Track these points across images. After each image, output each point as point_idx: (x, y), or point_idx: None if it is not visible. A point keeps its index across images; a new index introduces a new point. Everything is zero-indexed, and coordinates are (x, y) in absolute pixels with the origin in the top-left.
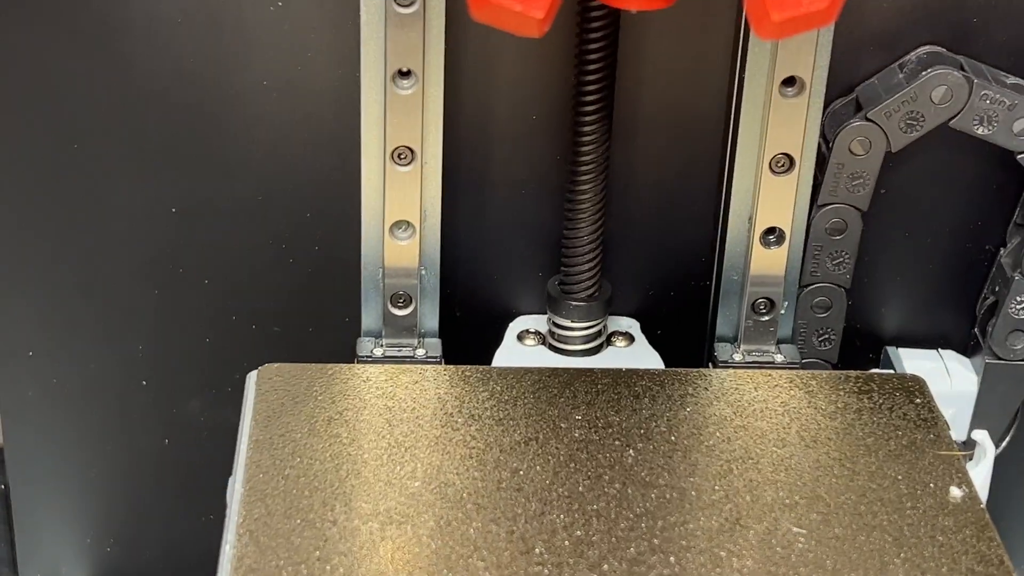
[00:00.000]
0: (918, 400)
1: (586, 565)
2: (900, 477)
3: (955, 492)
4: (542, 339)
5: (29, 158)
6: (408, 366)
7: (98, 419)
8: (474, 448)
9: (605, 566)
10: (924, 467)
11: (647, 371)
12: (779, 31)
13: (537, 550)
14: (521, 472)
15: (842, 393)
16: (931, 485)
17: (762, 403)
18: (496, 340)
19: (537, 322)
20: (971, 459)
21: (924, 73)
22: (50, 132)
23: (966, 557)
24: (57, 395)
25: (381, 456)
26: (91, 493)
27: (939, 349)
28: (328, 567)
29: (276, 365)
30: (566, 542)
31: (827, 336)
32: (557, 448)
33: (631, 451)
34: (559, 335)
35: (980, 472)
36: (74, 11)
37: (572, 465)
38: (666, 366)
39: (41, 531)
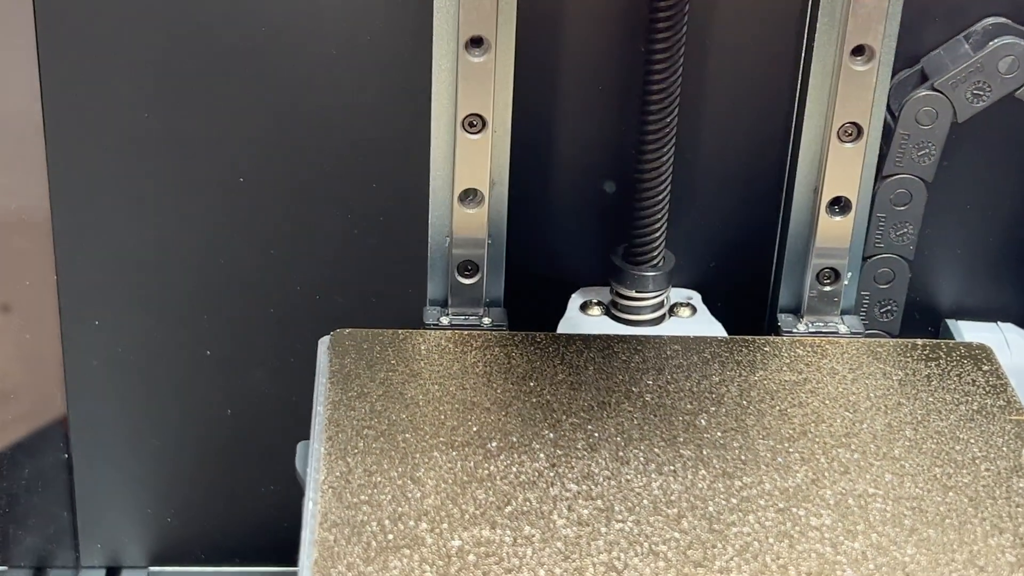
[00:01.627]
0: (986, 367)
1: (664, 522)
2: (972, 440)
3: None
4: (605, 309)
5: (97, 124)
6: (477, 332)
7: (162, 389)
8: (548, 410)
9: (684, 523)
10: (995, 431)
11: (715, 338)
12: None
13: (616, 508)
14: (596, 434)
15: (910, 360)
16: (1004, 448)
17: (830, 369)
18: (559, 310)
19: (600, 293)
20: None
21: (991, 43)
22: (121, 98)
23: None
24: (121, 365)
25: (457, 417)
26: (152, 464)
27: (999, 322)
28: (412, 523)
29: (348, 330)
30: (645, 500)
31: (889, 308)
32: (630, 411)
33: (704, 415)
34: (623, 305)
35: None
36: None
37: (646, 428)
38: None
39: (102, 502)
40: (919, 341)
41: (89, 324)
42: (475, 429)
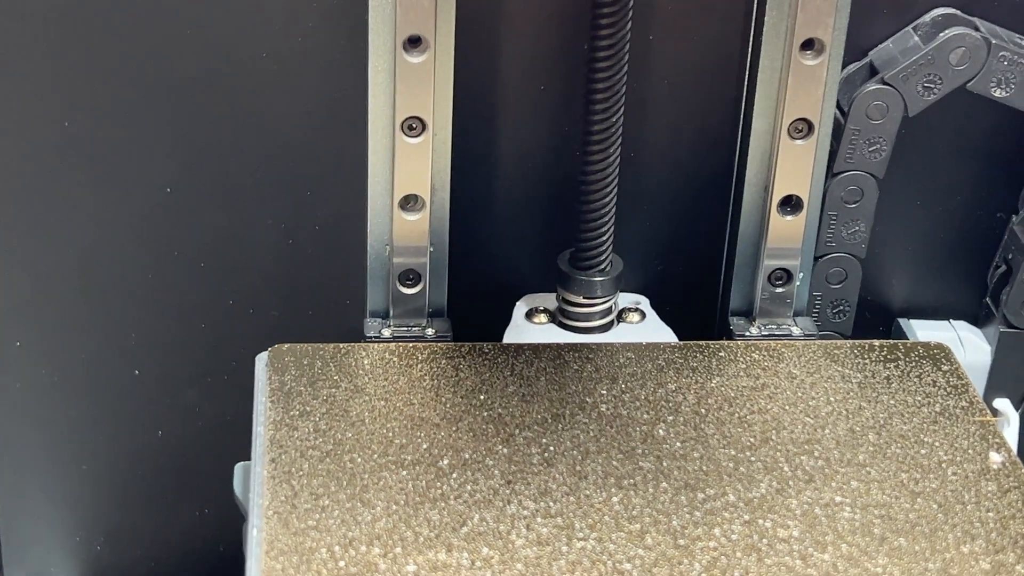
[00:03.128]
0: (945, 367)
1: (628, 539)
2: (937, 444)
3: (995, 457)
4: (552, 316)
5: (16, 135)
6: (423, 344)
7: (89, 411)
8: (500, 424)
9: (648, 539)
10: (960, 433)
11: (668, 344)
12: None
13: (577, 525)
14: (551, 448)
15: (868, 362)
16: (969, 451)
17: (788, 373)
18: (503, 318)
19: (546, 300)
20: None
21: (941, 35)
22: (39, 113)
23: (1014, 522)
24: (46, 386)
25: (406, 434)
26: (81, 488)
27: (950, 320)
28: (364, 548)
29: (287, 346)
30: (606, 516)
31: (841, 308)
32: (586, 423)
33: (662, 425)
34: (570, 312)
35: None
36: None
37: (603, 440)
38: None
39: (28, 528)
40: (876, 342)
41: (11, 345)
42: (425, 446)
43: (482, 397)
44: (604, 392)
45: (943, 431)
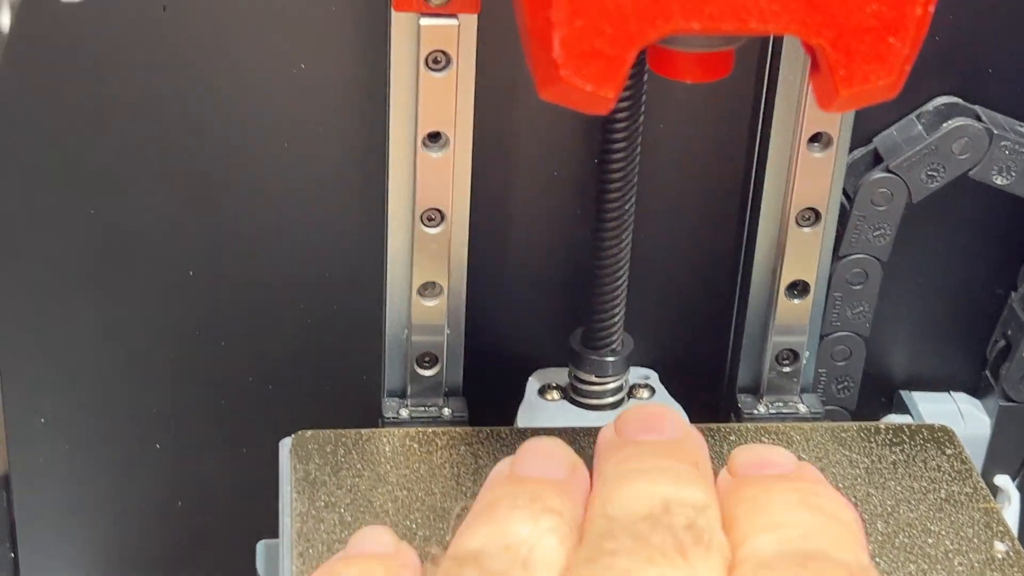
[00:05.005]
0: (949, 451)
1: None
2: (943, 532)
3: (999, 546)
4: (564, 393)
5: (37, 214)
6: (441, 429)
7: (110, 483)
8: None
9: None
10: (965, 521)
11: None
12: (845, 105)
13: None
14: None
15: (874, 445)
16: (975, 540)
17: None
18: (516, 392)
19: (558, 375)
20: None
21: (944, 125)
22: (65, 199)
23: None
24: (68, 460)
25: (428, 525)
26: (100, 562)
27: (951, 392)
28: None
29: (310, 432)
30: None
31: (846, 384)
32: None
33: None
34: (582, 389)
35: (1008, 519)
36: (92, 75)
37: None
38: (687, 416)
39: None
40: (882, 424)
41: (34, 421)
42: (448, 539)
43: None
44: None
45: (949, 519)
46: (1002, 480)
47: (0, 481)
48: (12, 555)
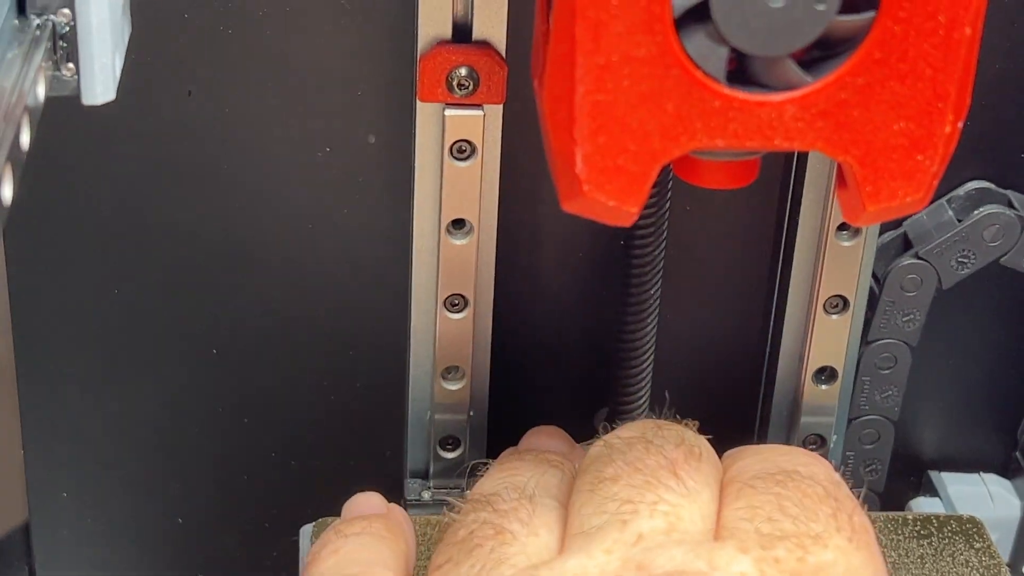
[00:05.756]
0: (978, 545)
1: None
2: None
3: None
4: None
5: (61, 292)
6: None
7: (132, 559)
8: None
9: None
10: None
11: None
12: (872, 219)
13: None
14: None
15: (902, 538)
16: None
17: None
18: None
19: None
20: None
21: (975, 212)
22: (94, 273)
23: None
24: (91, 534)
25: None
26: None
27: (980, 472)
28: None
29: (332, 519)
30: None
31: (874, 467)
32: None
33: None
34: None
35: None
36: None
37: None
38: None
39: None
40: (909, 516)
41: (58, 496)
42: None
43: None
44: None
45: None
46: None
47: (22, 555)
48: None
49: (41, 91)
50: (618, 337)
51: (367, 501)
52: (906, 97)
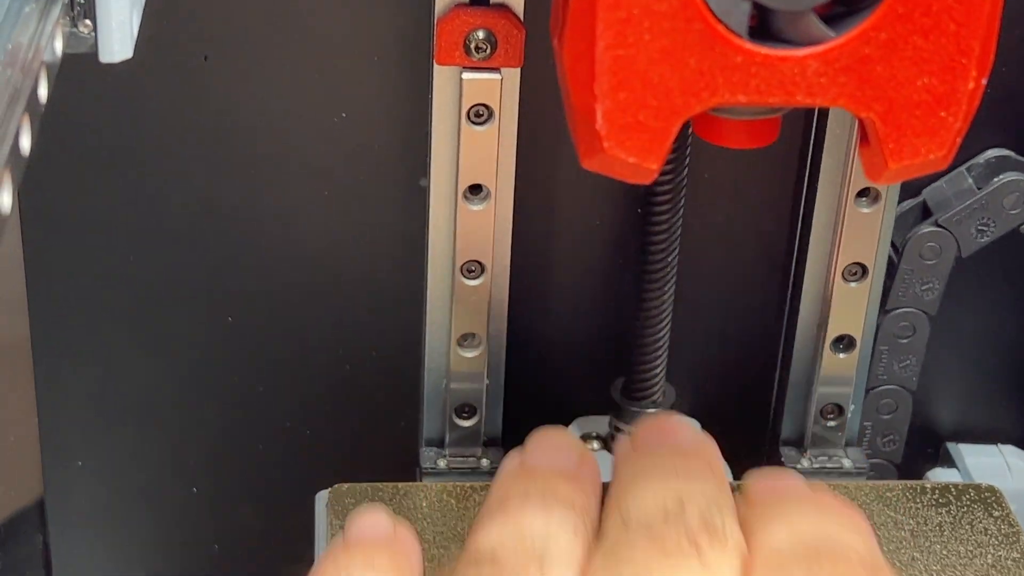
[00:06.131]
0: (996, 513)
1: None
2: None
3: None
4: (604, 443)
5: (85, 265)
6: (479, 484)
7: (148, 528)
8: None
9: None
10: None
11: None
12: (894, 177)
13: None
14: None
15: (920, 507)
16: None
17: None
18: None
19: (598, 424)
20: None
21: (995, 180)
22: (111, 239)
23: None
24: (106, 504)
25: None
26: None
27: (998, 444)
28: None
29: (347, 486)
30: None
31: (892, 437)
32: None
33: None
34: None
35: None
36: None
37: None
38: (730, 468)
39: None
40: (928, 484)
41: (72, 465)
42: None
43: None
44: None
45: None
46: None
47: (37, 524)
48: None
49: (58, 46)
50: (636, 305)
51: (372, 521)
52: (929, 52)
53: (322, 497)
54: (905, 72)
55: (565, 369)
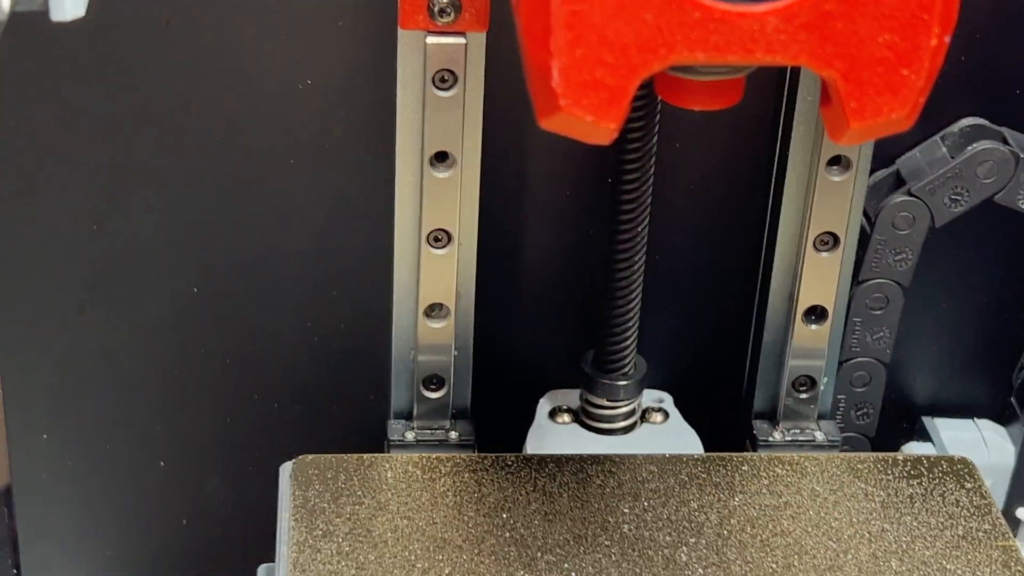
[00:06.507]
0: (968, 485)
1: None
2: (960, 572)
3: None
4: (575, 416)
5: (47, 231)
6: (445, 455)
7: (114, 501)
8: (522, 547)
9: None
10: (982, 559)
11: (691, 457)
12: (857, 138)
13: None
14: (573, 574)
15: (892, 478)
16: None
17: (811, 491)
18: (525, 412)
19: (568, 397)
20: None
21: (969, 148)
22: (72, 206)
23: None
24: (73, 476)
25: (428, 557)
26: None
27: (975, 419)
28: None
29: (311, 457)
30: None
31: (866, 411)
32: (607, 545)
33: (683, 548)
34: (593, 413)
35: None
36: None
37: (624, 565)
38: (701, 441)
39: None
40: (900, 456)
41: (38, 436)
42: (447, 571)
43: (504, 516)
44: (627, 511)
45: (965, 557)
46: (1023, 512)
47: (2, 496)
48: (15, 571)
49: (6, 3)
50: (606, 276)
51: None
52: (890, 8)
53: (286, 468)
54: (866, 28)
55: (535, 342)
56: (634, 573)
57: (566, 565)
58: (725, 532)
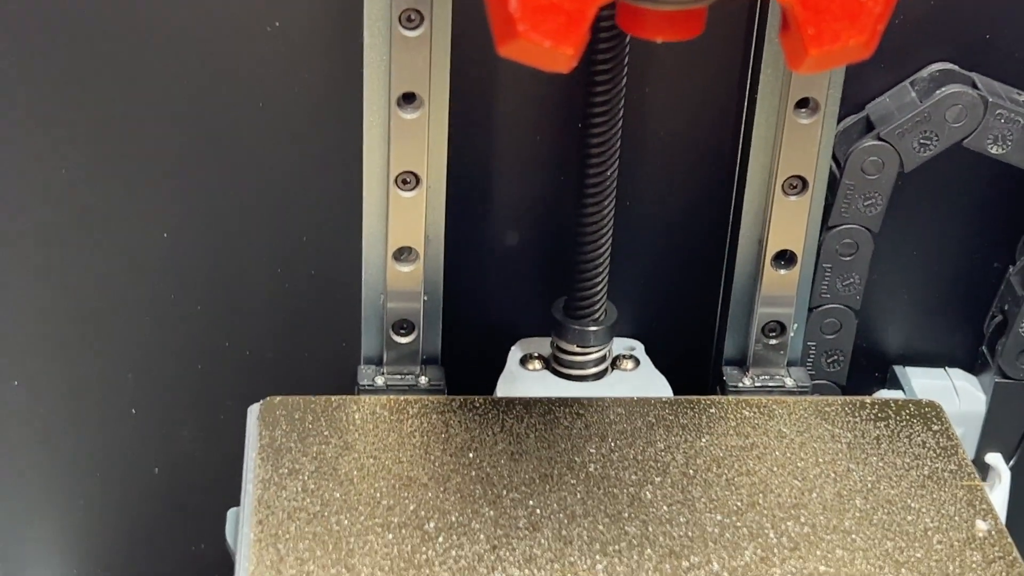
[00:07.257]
0: (936, 427)
1: None
2: (924, 510)
3: (981, 525)
4: (546, 363)
5: (15, 186)
6: (414, 397)
7: (85, 448)
8: (488, 484)
9: None
10: (947, 499)
11: (659, 400)
12: (816, 65)
13: None
14: (538, 511)
15: (859, 420)
16: (956, 518)
17: (778, 432)
18: (497, 360)
19: (540, 345)
20: (986, 484)
21: (938, 92)
22: (42, 146)
23: None
24: (44, 426)
25: (393, 494)
26: (77, 523)
27: (946, 368)
28: None
29: (279, 398)
30: None
31: (836, 358)
32: (573, 484)
33: (649, 487)
34: (564, 360)
35: (996, 498)
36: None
37: (589, 503)
38: (672, 389)
39: (26, 565)
40: (867, 399)
41: (8, 384)
42: (412, 508)
43: (471, 455)
44: (593, 451)
45: (930, 496)
46: (993, 458)
47: None
48: None
49: None
50: (576, 221)
51: None
52: None
53: (254, 410)
54: None
55: (505, 288)
56: (599, 511)
57: (531, 503)
58: (691, 471)
